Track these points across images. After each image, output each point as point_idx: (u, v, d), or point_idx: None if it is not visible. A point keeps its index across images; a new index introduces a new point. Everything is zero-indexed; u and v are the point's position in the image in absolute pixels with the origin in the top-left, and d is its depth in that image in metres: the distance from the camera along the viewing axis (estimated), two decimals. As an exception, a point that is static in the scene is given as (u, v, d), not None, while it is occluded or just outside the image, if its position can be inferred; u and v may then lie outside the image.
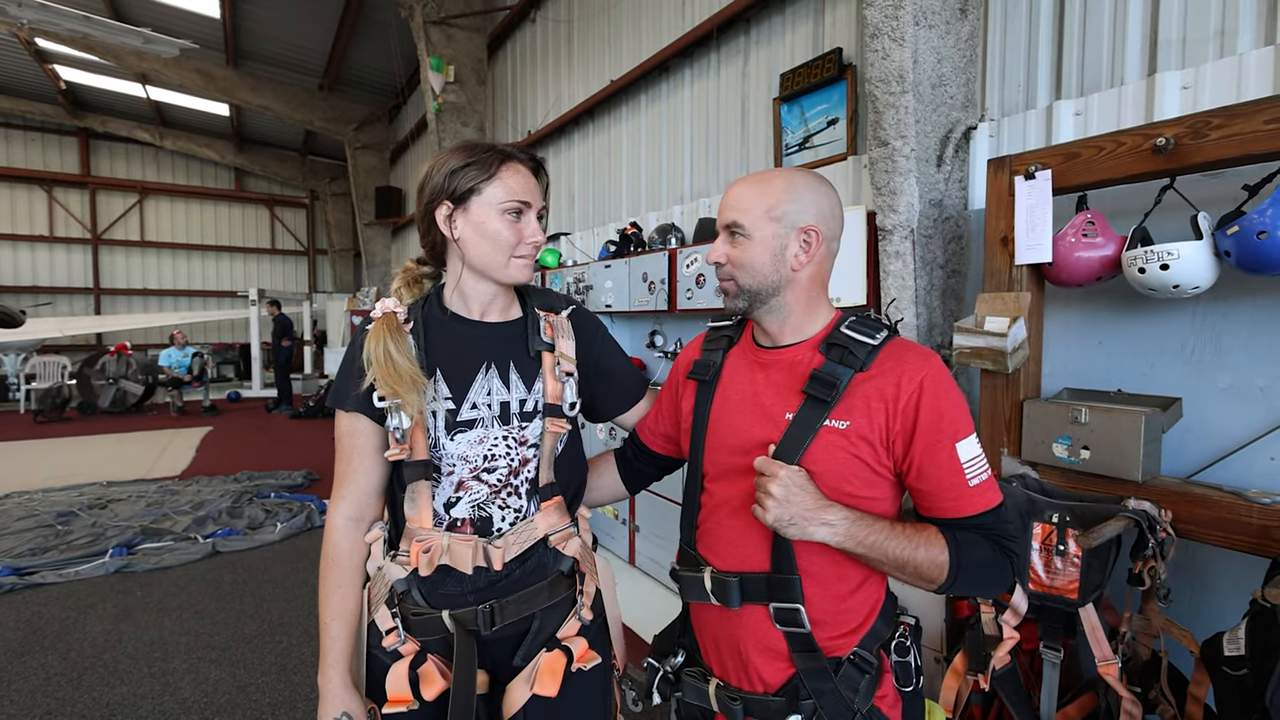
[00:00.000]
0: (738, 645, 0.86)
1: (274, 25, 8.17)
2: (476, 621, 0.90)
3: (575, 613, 0.97)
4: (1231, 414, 1.44)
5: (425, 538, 0.90)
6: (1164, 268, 1.31)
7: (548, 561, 0.96)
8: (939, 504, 0.80)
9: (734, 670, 0.87)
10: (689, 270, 2.85)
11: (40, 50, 8.90)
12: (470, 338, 0.95)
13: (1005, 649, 1.35)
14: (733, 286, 0.88)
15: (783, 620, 0.83)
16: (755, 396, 0.89)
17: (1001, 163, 1.60)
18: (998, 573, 0.80)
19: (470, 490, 0.92)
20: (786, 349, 0.89)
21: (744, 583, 0.84)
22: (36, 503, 4.33)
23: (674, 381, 1.04)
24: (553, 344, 0.98)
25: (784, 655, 0.84)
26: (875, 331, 0.84)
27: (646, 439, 1.08)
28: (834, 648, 0.83)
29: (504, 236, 0.90)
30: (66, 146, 12.41)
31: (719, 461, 0.90)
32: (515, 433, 0.94)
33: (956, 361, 1.63)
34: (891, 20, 1.82)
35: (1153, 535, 1.24)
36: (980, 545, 0.79)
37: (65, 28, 5.18)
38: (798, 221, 0.85)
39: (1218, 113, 1.24)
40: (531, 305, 1.01)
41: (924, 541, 0.78)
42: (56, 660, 2.40)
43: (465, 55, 6.05)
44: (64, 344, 10.75)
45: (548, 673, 0.91)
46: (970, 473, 0.78)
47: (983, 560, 0.79)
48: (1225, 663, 1.13)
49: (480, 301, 0.96)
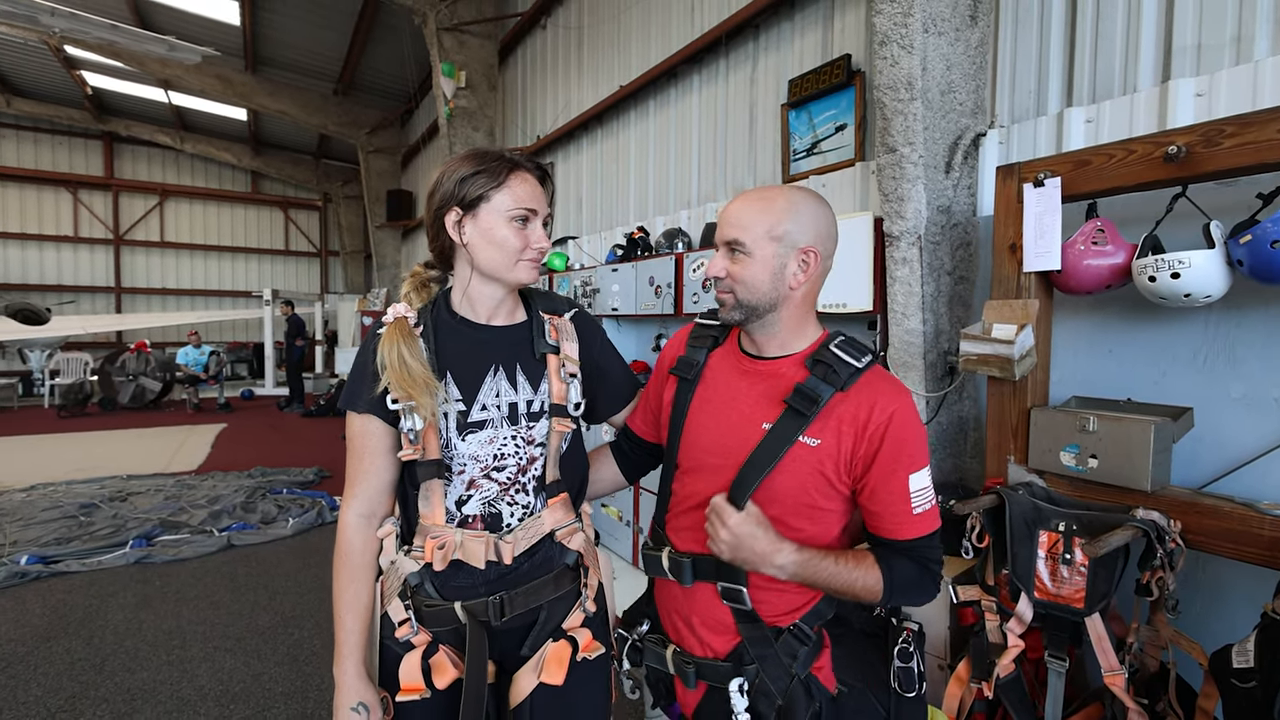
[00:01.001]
0: (690, 617, 0.95)
1: (291, 32, 8.33)
2: (487, 613, 0.93)
3: (580, 604, 1.01)
4: (1245, 425, 1.42)
5: (439, 534, 0.93)
6: (1175, 276, 1.30)
7: (554, 555, 0.99)
8: (884, 524, 0.87)
9: (688, 638, 0.95)
10: (695, 274, 2.86)
11: (69, 57, 9.13)
12: (478, 341, 0.98)
13: (1010, 657, 1.35)
14: (730, 300, 0.91)
15: (728, 597, 0.90)
16: (734, 402, 0.93)
17: (1010, 169, 1.60)
18: (921, 587, 0.89)
19: (481, 488, 0.95)
20: (772, 361, 0.93)
21: (696, 563, 0.92)
22: (60, 494, 4.45)
23: (659, 372, 1.08)
24: (557, 346, 1.01)
25: (730, 628, 0.91)
26: (861, 355, 0.88)
27: (636, 428, 1.12)
28: (776, 622, 0.91)
29: (511, 242, 0.93)
30: (91, 150, 12.72)
31: (692, 457, 0.95)
32: (523, 432, 0.96)
33: (964, 368, 1.62)
34: (900, 28, 1.82)
35: (1161, 545, 1.23)
36: (908, 568, 0.87)
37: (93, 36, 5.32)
38: (798, 242, 0.88)
39: (1232, 121, 1.23)
40: (536, 309, 1.04)
41: (863, 572, 0.85)
42: (80, 646, 2.47)
43: (477, 61, 6.12)
44: (86, 341, 11.00)
45: (554, 661, 0.94)
46: (916, 502, 0.85)
47: (911, 580, 0.87)
48: (1234, 675, 1.12)
49: (487, 305, 0.99)
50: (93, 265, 12.84)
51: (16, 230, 12.08)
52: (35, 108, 11.21)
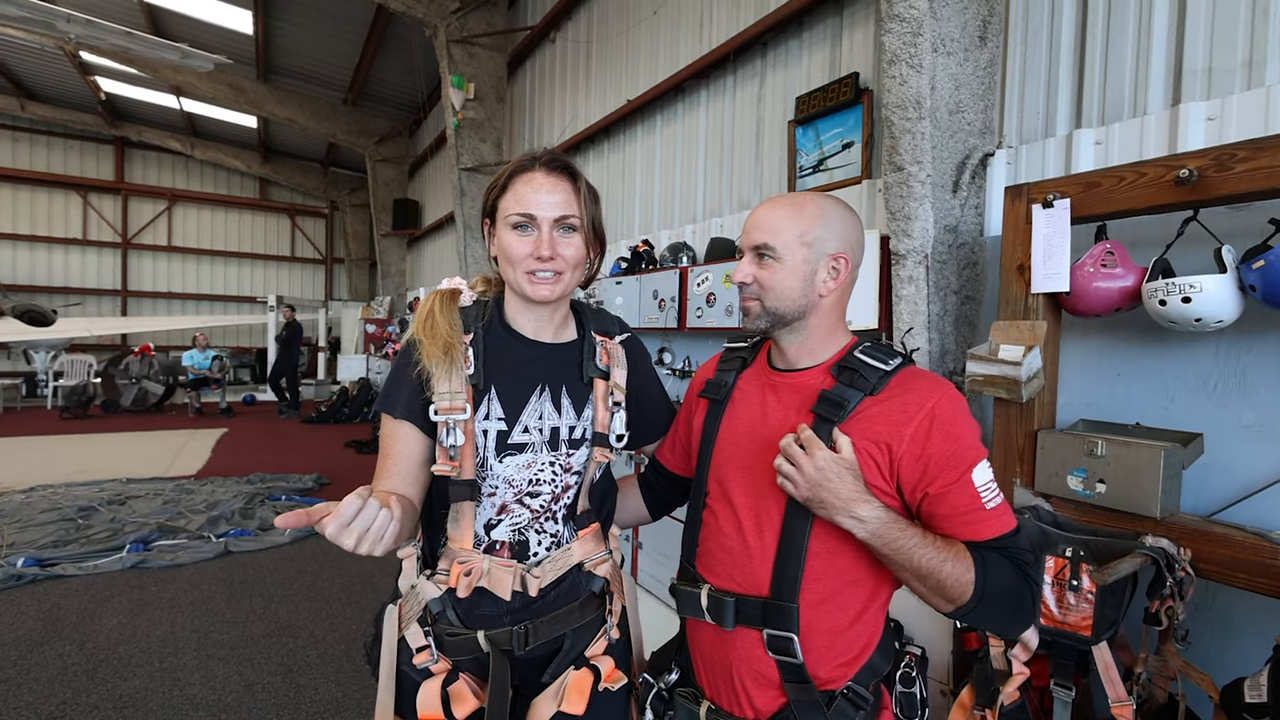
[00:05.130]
0: (729, 668, 0.86)
1: (303, 42, 8.44)
2: (511, 642, 0.89)
3: (604, 632, 0.97)
4: (1256, 452, 1.40)
5: (466, 559, 0.88)
6: (1186, 300, 1.29)
7: (581, 583, 0.95)
8: (957, 528, 0.77)
9: (725, 693, 0.86)
10: (699, 289, 2.86)
11: (84, 63, 9.26)
12: (526, 358, 0.93)
13: (1014, 685, 1.32)
14: (757, 307, 0.87)
15: (776, 649, 0.81)
16: (764, 418, 0.88)
17: (1019, 190, 1.60)
18: (1019, 602, 0.77)
19: (512, 514, 0.91)
20: (800, 372, 0.88)
21: (740, 604, 0.83)
22: (60, 496, 4.44)
23: (688, 400, 1.04)
24: (607, 372, 0.96)
25: (775, 683, 0.82)
26: (889, 358, 0.83)
27: (665, 460, 1.08)
28: (828, 679, 0.82)
29: (512, 251, 0.89)
30: (103, 154, 12.86)
31: (723, 479, 0.90)
32: (562, 459, 0.92)
33: (969, 389, 1.61)
34: (910, 47, 1.83)
35: (1170, 574, 1.21)
36: (1004, 567, 0.76)
37: (109, 42, 5.40)
38: (828, 248, 0.85)
39: (1244, 145, 1.22)
40: (589, 327, 0.99)
41: (953, 555, 0.75)
42: (73, 651, 2.45)
43: (486, 73, 6.19)
44: (91, 344, 11.03)
45: (575, 690, 0.90)
46: (985, 496, 0.77)
47: (1006, 585, 0.76)
48: (1247, 710, 1.09)
49: (529, 320, 0.95)
50: (100, 268, 12.92)
51: (26, 232, 12.17)
52: (49, 112, 11.36)
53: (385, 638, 0.91)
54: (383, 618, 0.92)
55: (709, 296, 2.81)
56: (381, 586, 3.14)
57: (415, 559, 0.94)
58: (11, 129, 11.93)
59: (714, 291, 2.78)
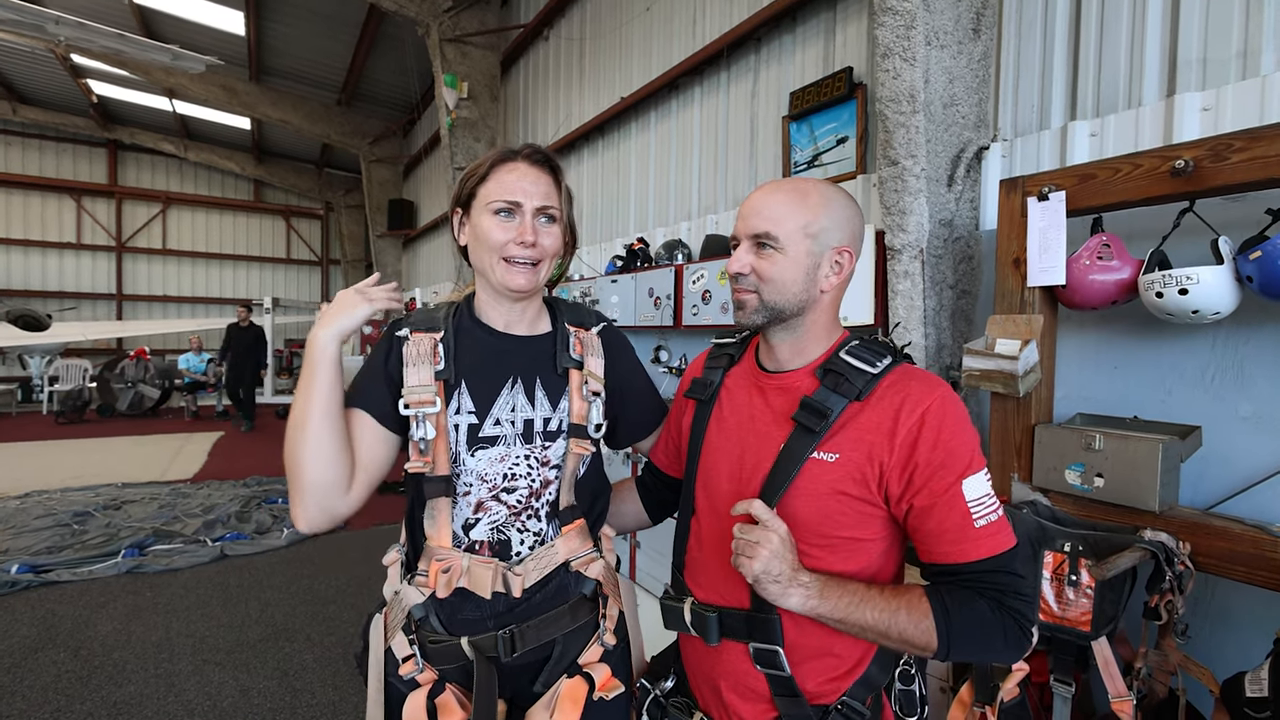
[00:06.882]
0: (716, 681, 0.83)
1: (295, 43, 8.39)
2: (496, 648, 0.87)
3: (598, 637, 0.94)
4: (1254, 444, 1.40)
5: (445, 557, 0.86)
6: (1183, 292, 1.28)
7: (569, 585, 0.92)
8: (941, 547, 0.72)
9: (715, 706, 0.84)
10: (695, 286, 2.85)
11: (75, 65, 9.21)
12: (497, 351, 0.92)
13: (1014, 681, 1.31)
14: (754, 300, 0.81)
15: (762, 661, 0.78)
16: (751, 422, 0.85)
17: (1014, 183, 1.58)
18: (995, 634, 0.70)
19: (489, 511, 0.89)
20: (789, 374, 0.84)
21: (723, 618, 0.80)
22: (55, 502, 4.42)
23: (678, 399, 1.01)
24: (581, 361, 0.94)
25: (765, 696, 0.80)
26: (877, 358, 0.78)
27: (658, 461, 1.05)
28: (821, 693, 0.78)
29: (491, 236, 0.87)
30: (96, 157, 12.79)
31: (710, 487, 0.87)
32: (538, 452, 0.91)
33: (966, 384, 1.60)
34: (903, 40, 1.81)
35: (1170, 568, 1.20)
36: (971, 602, 0.70)
37: (99, 45, 5.36)
38: (832, 241, 0.80)
39: (1240, 135, 1.22)
40: (562, 320, 0.98)
41: (905, 605, 0.70)
42: (68, 658, 2.43)
43: (479, 72, 6.16)
44: (86, 348, 10.98)
45: (568, 700, 0.88)
46: (976, 512, 0.71)
47: (976, 620, 0.70)
48: (1247, 704, 1.09)
49: (500, 313, 0.93)
50: (94, 272, 12.86)
51: (19, 236, 12.11)
52: (41, 115, 11.29)
53: (372, 648, 0.90)
54: (369, 628, 0.91)
55: (705, 294, 2.80)
56: (378, 589, 3.12)
57: (399, 565, 0.92)
58: (3, 133, 11.86)
59: (709, 289, 2.77)
